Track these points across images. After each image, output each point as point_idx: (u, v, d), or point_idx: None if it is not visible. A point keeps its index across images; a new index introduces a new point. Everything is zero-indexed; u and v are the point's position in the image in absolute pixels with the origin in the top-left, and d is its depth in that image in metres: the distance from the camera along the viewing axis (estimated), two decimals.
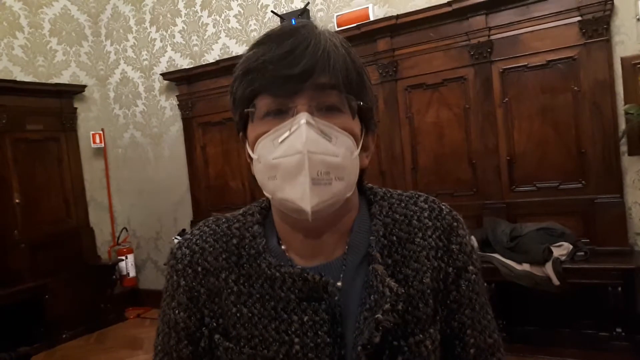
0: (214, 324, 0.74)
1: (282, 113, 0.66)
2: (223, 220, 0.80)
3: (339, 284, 0.71)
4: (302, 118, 0.64)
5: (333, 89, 0.66)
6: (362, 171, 0.75)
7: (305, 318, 0.68)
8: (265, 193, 0.70)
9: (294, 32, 0.66)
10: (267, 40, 0.68)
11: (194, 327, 0.75)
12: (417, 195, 0.79)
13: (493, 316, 0.79)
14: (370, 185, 0.80)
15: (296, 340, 0.68)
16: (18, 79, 4.34)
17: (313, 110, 0.65)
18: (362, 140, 0.71)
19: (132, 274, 4.90)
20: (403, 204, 0.77)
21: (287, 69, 0.64)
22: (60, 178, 4.58)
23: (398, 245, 0.73)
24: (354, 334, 0.68)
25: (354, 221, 0.75)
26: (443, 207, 0.78)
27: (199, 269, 0.76)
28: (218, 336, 0.74)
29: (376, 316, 0.66)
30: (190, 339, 0.76)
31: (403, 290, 0.69)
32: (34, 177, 4.34)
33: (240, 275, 0.73)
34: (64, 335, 4.19)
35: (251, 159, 0.71)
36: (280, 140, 0.65)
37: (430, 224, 0.75)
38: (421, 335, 0.70)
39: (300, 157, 0.63)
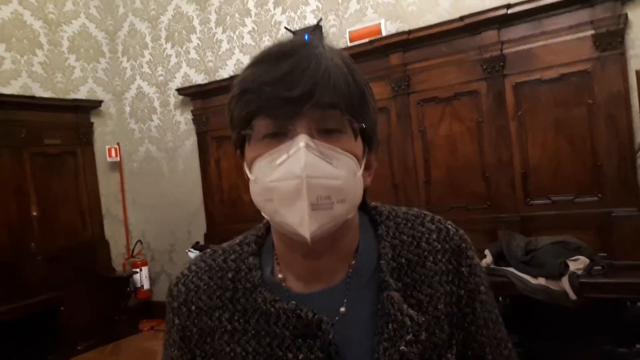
0: None
1: (280, 135, 0.64)
2: (220, 252, 0.79)
3: (343, 309, 0.70)
4: (301, 141, 0.61)
5: (334, 110, 0.63)
6: (365, 190, 0.73)
7: (300, 356, 0.66)
8: (263, 214, 0.69)
9: (294, 52, 0.64)
10: (265, 60, 0.65)
11: None
12: (423, 215, 0.78)
13: (503, 325, 0.79)
14: (374, 204, 0.79)
15: None
16: (37, 95, 4.44)
17: (313, 132, 0.63)
18: (364, 160, 0.69)
19: (147, 286, 4.93)
20: (410, 224, 0.76)
21: (285, 91, 0.61)
22: (77, 191, 4.66)
23: (407, 268, 0.72)
24: None
25: (358, 243, 0.73)
26: (450, 227, 0.77)
27: (193, 307, 0.75)
28: None
29: (400, 348, 0.65)
30: None
31: (423, 319, 0.68)
32: (51, 190, 4.42)
33: (235, 312, 0.72)
34: (79, 347, 4.21)
35: (249, 178, 0.69)
36: (278, 162, 0.63)
37: (439, 247, 0.74)
38: None
39: (298, 182, 0.61)
